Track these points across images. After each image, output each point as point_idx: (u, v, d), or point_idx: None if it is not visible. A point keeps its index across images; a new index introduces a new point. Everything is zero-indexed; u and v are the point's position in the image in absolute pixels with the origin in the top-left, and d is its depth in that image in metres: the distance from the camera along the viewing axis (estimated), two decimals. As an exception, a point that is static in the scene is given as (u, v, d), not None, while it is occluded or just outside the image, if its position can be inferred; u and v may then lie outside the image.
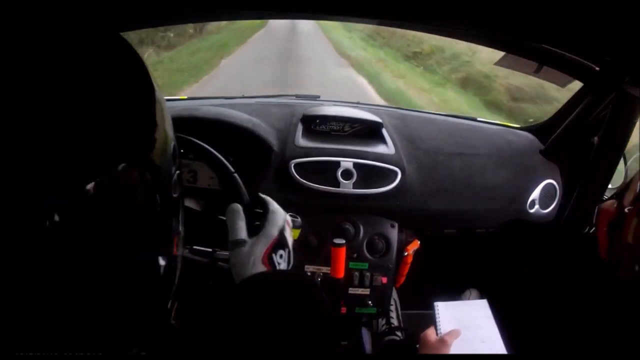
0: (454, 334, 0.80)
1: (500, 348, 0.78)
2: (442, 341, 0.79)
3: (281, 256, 0.59)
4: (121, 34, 0.35)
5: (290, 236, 0.64)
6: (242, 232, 0.60)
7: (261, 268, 0.56)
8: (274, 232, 0.59)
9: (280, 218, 0.61)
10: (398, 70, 6.56)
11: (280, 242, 0.60)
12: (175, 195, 0.35)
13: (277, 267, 0.58)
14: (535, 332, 0.38)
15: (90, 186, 0.26)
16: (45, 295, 0.26)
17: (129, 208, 0.29)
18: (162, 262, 0.33)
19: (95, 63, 0.30)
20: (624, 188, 0.48)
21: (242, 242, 0.59)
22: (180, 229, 0.37)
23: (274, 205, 0.63)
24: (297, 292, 0.47)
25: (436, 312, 0.87)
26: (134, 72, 0.33)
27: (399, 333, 1.03)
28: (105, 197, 0.27)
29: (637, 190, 0.44)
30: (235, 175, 0.68)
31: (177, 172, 0.35)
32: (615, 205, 0.49)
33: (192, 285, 0.87)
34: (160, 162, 0.32)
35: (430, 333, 0.83)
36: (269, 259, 0.58)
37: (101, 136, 0.28)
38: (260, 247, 0.57)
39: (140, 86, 0.33)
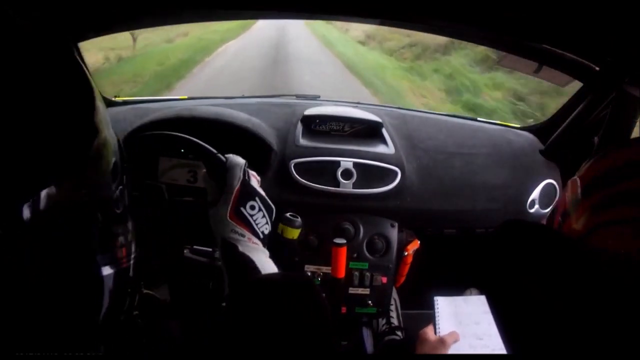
0: (454, 335, 0.80)
1: (497, 345, 0.78)
2: (441, 341, 0.79)
3: (252, 207, 0.58)
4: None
5: (257, 185, 0.62)
6: (212, 192, 0.60)
7: (231, 225, 0.56)
8: (234, 185, 0.57)
9: (237, 169, 0.59)
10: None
11: (246, 193, 0.58)
12: (118, 211, 0.35)
13: (251, 220, 0.57)
14: (535, 331, 0.38)
15: (26, 204, 0.26)
16: None
17: (66, 224, 0.29)
18: (107, 272, 0.33)
19: (30, 71, 0.29)
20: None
21: (211, 203, 0.59)
22: (129, 239, 0.36)
23: (230, 159, 0.61)
24: (295, 292, 0.47)
25: (436, 306, 0.87)
26: (71, 83, 0.32)
27: (399, 333, 1.03)
28: (41, 214, 0.27)
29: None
30: (202, 143, 0.67)
31: (120, 187, 0.35)
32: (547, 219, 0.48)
33: (192, 285, 0.87)
34: (97, 178, 0.32)
35: (429, 331, 0.83)
36: (236, 214, 0.56)
37: (33, 154, 0.27)
38: (224, 204, 0.57)
39: (77, 99, 0.32)
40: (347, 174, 0.99)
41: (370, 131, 1.11)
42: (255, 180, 0.63)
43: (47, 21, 0.58)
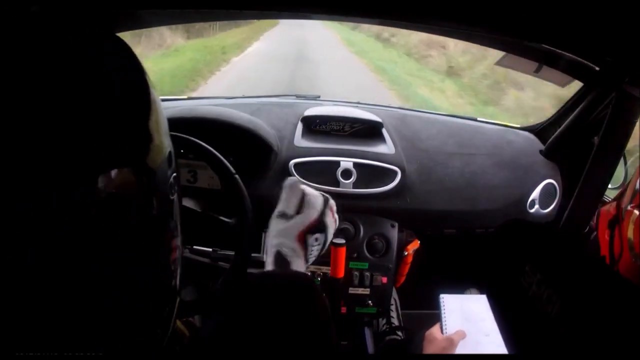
0: (461, 334, 0.80)
1: (502, 340, 0.78)
2: (449, 340, 0.79)
3: (316, 239, 0.60)
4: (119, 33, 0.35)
5: (332, 223, 0.63)
6: (292, 208, 0.60)
7: (293, 243, 0.57)
8: (314, 214, 0.59)
9: (320, 201, 0.61)
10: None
11: (319, 225, 0.60)
12: (172, 198, 0.35)
13: (310, 249, 0.59)
14: (536, 331, 0.38)
15: (87, 189, 0.26)
16: (42, 297, 0.26)
17: (126, 211, 0.29)
18: (160, 263, 0.34)
19: (89, 64, 0.30)
20: (622, 191, 0.49)
21: (287, 215, 0.60)
22: (178, 230, 0.37)
23: (310, 190, 0.63)
24: (296, 291, 0.47)
25: (442, 304, 0.87)
26: (130, 74, 0.33)
27: (399, 333, 1.03)
28: (102, 201, 0.27)
29: (636, 187, 0.44)
30: (237, 176, 0.68)
31: (174, 174, 0.35)
32: (614, 206, 0.49)
33: (192, 285, 0.87)
34: (155, 165, 0.32)
35: (436, 331, 0.83)
36: (303, 238, 0.58)
37: (95, 140, 0.28)
38: (298, 225, 0.58)
39: (135, 88, 0.33)
40: (347, 173, 0.99)
41: (370, 131, 1.11)
42: (330, 215, 0.63)
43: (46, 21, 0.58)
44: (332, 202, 0.63)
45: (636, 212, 0.43)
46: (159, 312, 0.35)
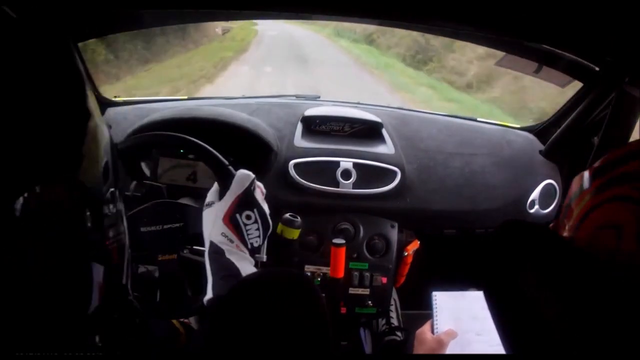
0: (451, 334, 0.80)
1: (495, 340, 0.78)
2: (439, 341, 0.79)
3: (248, 217, 0.58)
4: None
5: (262, 199, 0.63)
6: (211, 195, 0.61)
7: (222, 228, 0.56)
8: (237, 192, 0.59)
9: (245, 179, 0.60)
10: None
11: (246, 202, 0.59)
12: (109, 212, 0.34)
13: (243, 228, 0.58)
14: (533, 333, 0.38)
15: (17, 202, 0.26)
16: None
17: (56, 223, 0.29)
18: (98, 270, 0.33)
19: (19, 71, 0.28)
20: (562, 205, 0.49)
21: (209, 204, 0.60)
22: (121, 238, 0.36)
23: (241, 170, 0.62)
24: (293, 290, 0.47)
25: (434, 302, 0.87)
26: (65, 84, 0.32)
27: (399, 333, 1.03)
28: (31, 213, 0.27)
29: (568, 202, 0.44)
30: (230, 167, 0.67)
31: (111, 189, 0.35)
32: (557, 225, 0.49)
33: (192, 285, 0.87)
34: (89, 180, 0.32)
35: (426, 331, 0.83)
36: (231, 219, 0.57)
37: (24, 153, 0.27)
38: (222, 207, 0.57)
39: (70, 100, 0.32)
40: (346, 174, 0.99)
41: (370, 131, 1.11)
42: (259, 193, 0.63)
43: (45, 20, 0.58)
44: (258, 183, 0.63)
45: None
46: (110, 302, 0.35)
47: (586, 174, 0.44)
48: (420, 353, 0.78)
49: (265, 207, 0.62)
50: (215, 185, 0.63)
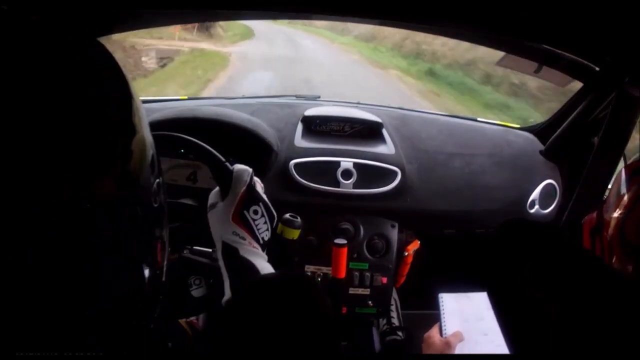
0: (458, 336, 0.80)
1: (502, 340, 0.78)
2: (447, 343, 0.79)
3: (255, 212, 0.58)
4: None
5: (262, 191, 0.63)
6: (214, 196, 0.60)
7: (232, 227, 0.56)
8: (239, 190, 0.58)
9: (244, 175, 0.60)
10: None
11: (250, 198, 0.59)
12: (156, 205, 0.34)
13: (253, 224, 0.58)
14: (535, 332, 0.38)
15: (68, 198, 0.26)
16: (25, 301, 0.26)
17: (108, 220, 0.29)
18: (146, 270, 0.33)
19: (69, 71, 0.29)
20: (605, 199, 0.50)
21: (213, 205, 0.59)
22: (164, 236, 0.36)
23: (237, 166, 0.62)
24: (298, 292, 0.47)
25: (441, 304, 0.87)
26: (110, 81, 0.32)
27: (400, 333, 1.03)
28: (84, 209, 0.27)
29: (619, 193, 0.45)
30: (227, 163, 0.67)
31: (157, 180, 0.35)
32: (595, 215, 0.50)
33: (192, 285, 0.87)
34: (138, 173, 0.32)
35: (434, 334, 0.83)
36: (240, 217, 0.57)
37: (77, 148, 0.27)
38: (228, 207, 0.57)
39: (116, 95, 0.32)
40: (347, 174, 0.99)
41: (370, 131, 1.11)
42: (259, 187, 0.63)
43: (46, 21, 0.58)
44: (255, 177, 0.63)
45: (614, 216, 0.44)
46: (148, 315, 0.35)
47: (623, 174, 0.45)
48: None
49: (266, 198, 0.62)
50: (213, 189, 0.63)
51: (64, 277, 0.27)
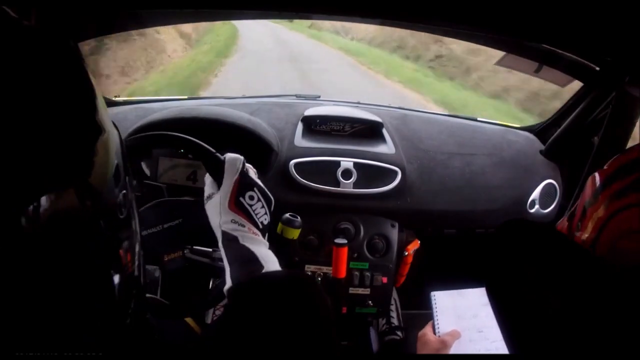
0: (455, 335, 0.80)
1: (497, 336, 0.78)
2: (443, 342, 0.79)
3: (251, 197, 0.58)
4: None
5: (255, 176, 0.63)
6: (209, 187, 0.60)
7: (230, 215, 0.56)
8: (233, 176, 0.58)
9: (236, 163, 0.60)
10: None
11: (245, 184, 0.59)
12: (122, 216, 0.33)
13: (250, 210, 0.58)
14: (534, 332, 0.38)
15: (27, 211, 0.25)
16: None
17: (68, 232, 0.28)
18: (116, 280, 0.32)
19: (26, 73, 0.27)
20: (574, 208, 0.49)
21: (209, 197, 0.59)
22: (134, 245, 0.35)
23: (228, 155, 0.62)
24: (299, 292, 0.47)
25: (433, 302, 0.87)
26: (73, 86, 0.30)
27: (399, 332, 1.03)
28: (42, 224, 0.26)
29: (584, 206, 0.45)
30: (217, 154, 0.67)
31: (123, 192, 0.34)
32: (565, 226, 0.49)
33: (193, 284, 0.87)
34: (101, 184, 0.30)
35: (428, 332, 0.83)
36: (236, 204, 0.57)
37: (31, 160, 0.26)
38: (224, 195, 0.57)
39: (78, 102, 0.30)
40: (347, 174, 0.99)
41: (370, 131, 1.11)
42: (252, 172, 0.63)
43: (47, 21, 0.58)
44: (243, 158, 0.62)
45: (584, 238, 0.43)
46: (125, 308, 0.34)
47: (597, 177, 0.44)
48: (424, 354, 0.78)
49: (260, 182, 0.62)
50: (209, 178, 0.63)
51: (31, 284, 0.26)
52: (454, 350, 0.78)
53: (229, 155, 0.62)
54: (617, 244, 0.39)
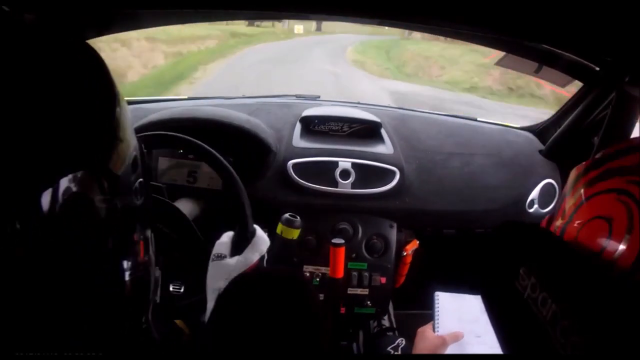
0: (455, 336, 0.79)
1: (495, 342, 0.77)
2: (441, 339, 0.78)
3: None
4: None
5: (266, 248, 0.65)
6: (224, 247, 0.61)
7: None
8: (254, 257, 0.60)
9: (264, 245, 0.62)
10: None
11: (259, 267, 0.61)
12: (138, 203, 0.35)
13: None
14: (530, 334, 0.38)
15: (46, 193, 0.26)
16: (5, 299, 0.26)
17: (87, 215, 0.29)
18: (126, 266, 0.34)
19: (53, 70, 0.29)
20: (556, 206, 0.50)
21: (222, 256, 0.60)
22: (147, 233, 0.37)
23: (260, 231, 0.64)
24: (287, 289, 0.47)
25: (436, 302, 0.87)
26: (96, 81, 0.33)
27: (390, 334, 1.03)
28: (61, 204, 0.27)
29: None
30: (240, 184, 0.68)
31: (139, 180, 0.35)
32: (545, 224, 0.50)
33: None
34: (118, 170, 0.32)
35: (429, 329, 0.83)
36: None
37: (56, 144, 0.28)
38: (238, 268, 0.58)
39: (101, 95, 0.32)
40: (345, 174, 0.99)
41: (369, 131, 1.11)
42: (266, 245, 0.65)
43: (46, 21, 0.58)
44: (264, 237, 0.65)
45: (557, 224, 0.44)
46: (134, 307, 0.35)
47: (583, 165, 0.44)
48: (420, 349, 0.78)
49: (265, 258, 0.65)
50: (226, 237, 0.63)
51: (44, 274, 0.27)
52: (450, 351, 0.78)
53: (259, 234, 0.64)
54: (587, 228, 0.39)
